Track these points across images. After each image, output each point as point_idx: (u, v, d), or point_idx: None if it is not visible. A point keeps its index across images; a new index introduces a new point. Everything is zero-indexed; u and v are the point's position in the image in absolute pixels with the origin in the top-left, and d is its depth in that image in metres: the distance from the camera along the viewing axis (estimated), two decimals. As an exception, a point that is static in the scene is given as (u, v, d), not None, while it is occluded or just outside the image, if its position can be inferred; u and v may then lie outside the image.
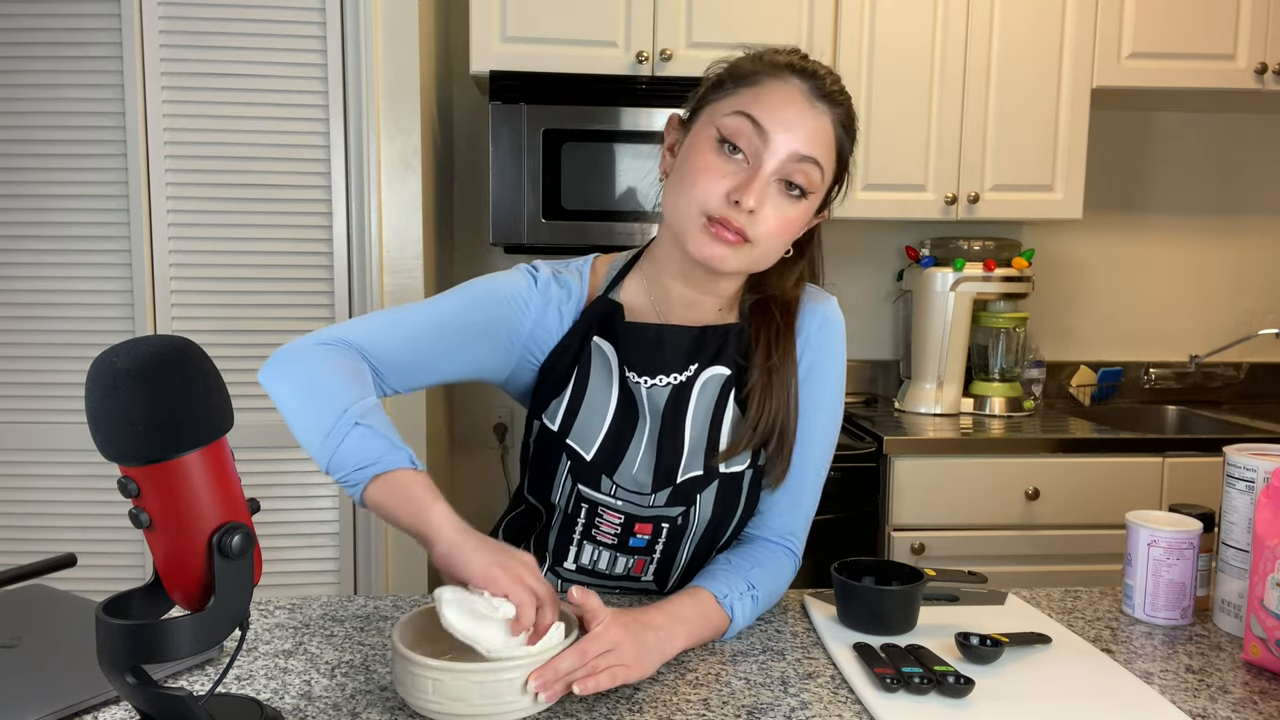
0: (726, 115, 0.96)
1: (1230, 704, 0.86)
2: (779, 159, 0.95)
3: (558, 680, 0.78)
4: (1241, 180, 2.81)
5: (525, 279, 1.07)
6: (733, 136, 0.95)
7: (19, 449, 2.10)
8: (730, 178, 0.95)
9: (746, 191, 0.94)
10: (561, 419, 1.06)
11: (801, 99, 0.96)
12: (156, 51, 2.02)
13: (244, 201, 2.08)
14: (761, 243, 0.97)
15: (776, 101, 0.96)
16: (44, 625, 0.97)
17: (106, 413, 0.63)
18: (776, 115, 0.95)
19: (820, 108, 0.97)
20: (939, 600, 1.09)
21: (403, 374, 1.02)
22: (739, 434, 1.04)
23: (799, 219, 0.99)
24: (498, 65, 2.20)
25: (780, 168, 0.95)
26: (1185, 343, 2.84)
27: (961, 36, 2.34)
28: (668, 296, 1.07)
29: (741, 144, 0.95)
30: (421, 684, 0.76)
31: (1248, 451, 1.04)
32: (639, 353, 1.05)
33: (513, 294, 1.05)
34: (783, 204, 0.97)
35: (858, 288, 2.75)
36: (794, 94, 0.96)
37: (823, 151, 0.97)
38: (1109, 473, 2.17)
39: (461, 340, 1.03)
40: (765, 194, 0.95)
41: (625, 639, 0.84)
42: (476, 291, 1.05)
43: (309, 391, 0.92)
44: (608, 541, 1.08)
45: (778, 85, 0.97)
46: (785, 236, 0.99)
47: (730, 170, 0.95)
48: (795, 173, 0.96)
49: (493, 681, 0.76)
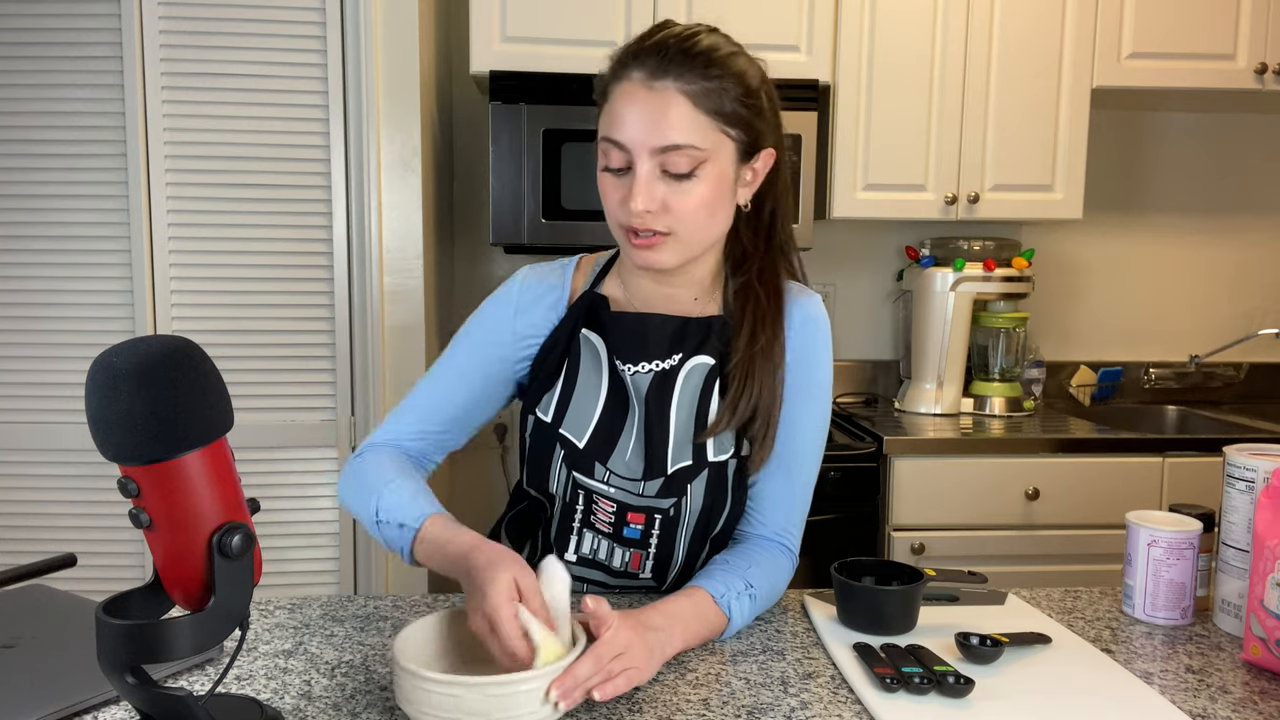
0: (600, 143, 1.01)
1: (1230, 704, 0.86)
2: (646, 160, 0.97)
3: (577, 688, 0.78)
4: (1241, 180, 2.81)
5: (499, 298, 1.13)
6: (606, 160, 1.00)
7: (19, 449, 2.10)
8: (620, 188, 1.00)
9: (630, 199, 0.98)
10: (554, 410, 1.08)
11: (640, 91, 0.97)
12: (156, 51, 2.02)
13: (244, 201, 2.08)
14: (682, 230, 1.00)
15: (620, 108, 0.97)
16: (44, 625, 0.97)
17: (106, 413, 0.63)
18: (624, 124, 0.97)
19: (661, 86, 0.96)
20: (939, 600, 1.09)
21: (443, 443, 1.14)
22: (720, 414, 1.05)
23: (708, 192, 0.99)
24: (498, 65, 2.20)
25: (654, 164, 0.97)
26: (1185, 343, 2.84)
27: (961, 36, 2.34)
28: (642, 292, 1.10)
29: (617, 163, 0.99)
30: (438, 700, 0.75)
31: (1248, 451, 1.04)
32: (625, 341, 1.07)
33: (493, 323, 1.12)
34: (679, 188, 0.98)
35: (858, 288, 2.76)
36: (633, 90, 0.97)
37: (685, 131, 0.96)
38: (1109, 473, 2.17)
39: (473, 391, 1.12)
40: (652, 191, 0.98)
41: (635, 642, 0.85)
42: (464, 339, 1.13)
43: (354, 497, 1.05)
44: (605, 531, 1.09)
45: (620, 89, 0.98)
46: (705, 212, 1.00)
47: (620, 182, 1.00)
48: (668, 163, 0.97)
49: (513, 694, 0.75)
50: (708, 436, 1.06)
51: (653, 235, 0.99)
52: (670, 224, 0.99)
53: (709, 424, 1.06)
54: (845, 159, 2.36)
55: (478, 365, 1.12)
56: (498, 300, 1.13)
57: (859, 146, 2.36)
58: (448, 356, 1.13)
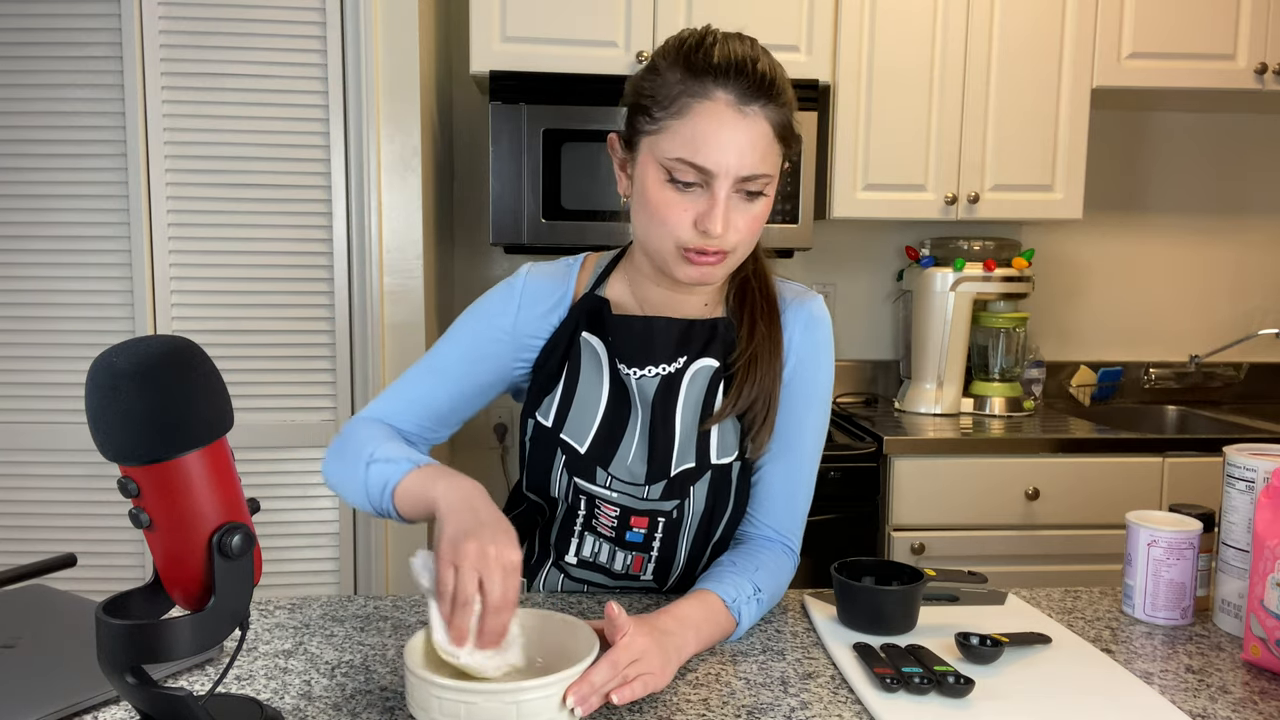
0: (666, 158, 0.96)
1: (1230, 704, 0.86)
2: (729, 183, 0.96)
3: (594, 693, 0.78)
4: (1241, 180, 2.81)
5: (502, 292, 1.10)
6: (679, 177, 0.96)
7: (19, 449, 2.10)
8: (691, 209, 0.97)
9: (711, 220, 0.95)
10: (554, 414, 1.08)
11: (731, 114, 0.94)
12: (156, 51, 2.02)
13: (244, 201, 2.08)
14: (741, 247, 1.00)
15: (708, 130, 0.94)
16: (44, 625, 0.97)
17: (106, 413, 0.63)
18: (711, 149, 0.94)
19: (752, 111, 0.95)
20: (939, 600, 1.09)
21: (434, 427, 1.10)
22: (725, 402, 1.06)
23: (766, 210, 1.00)
24: (498, 65, 2.20)
25: (733, 187, 0.96)
26: (1185, 343, 2.84)
27: (961, 36, 2.34)
28: (650, 296, 1.09)
29: (689, 179, 0.96)
30: (451, 708, 0.74)
31: (1248, 451, 1.04)
32: (628, 345, 1.07)
33: (494, 318, 1.09)
34: (748, 209, 0.98)
35: (858, 288, 2.76)
36: (722, 112, 0.94)
37: (768, 158, 0.97)
38: (1109, 473, 2.17)
39: (464, 388, 1.09)
40: (729, 214, 0.97)
41: (651, 647, 0.84)
42: (464, 329, 1.10)
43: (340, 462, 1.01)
44: (607, 534, 1.09)
45: (704, 108, 0.94)
46: (757, 231, 1.01)
47: (689, 202, 0.97)
48: (748, 185, 0.97)
49: (529, 700, 0.74)
50: (712, 424, 1.06)
51: (715, 255, 0.98)
52: (731, 242, 0.98)
53: (715, 431, 1.06)
54: (845, 159, 2.36)
55: (474, 361, 1.09)
56: (500, 295, 1.10)
57: (859, 146, 2.36)
58: (444, 347, 1.10)
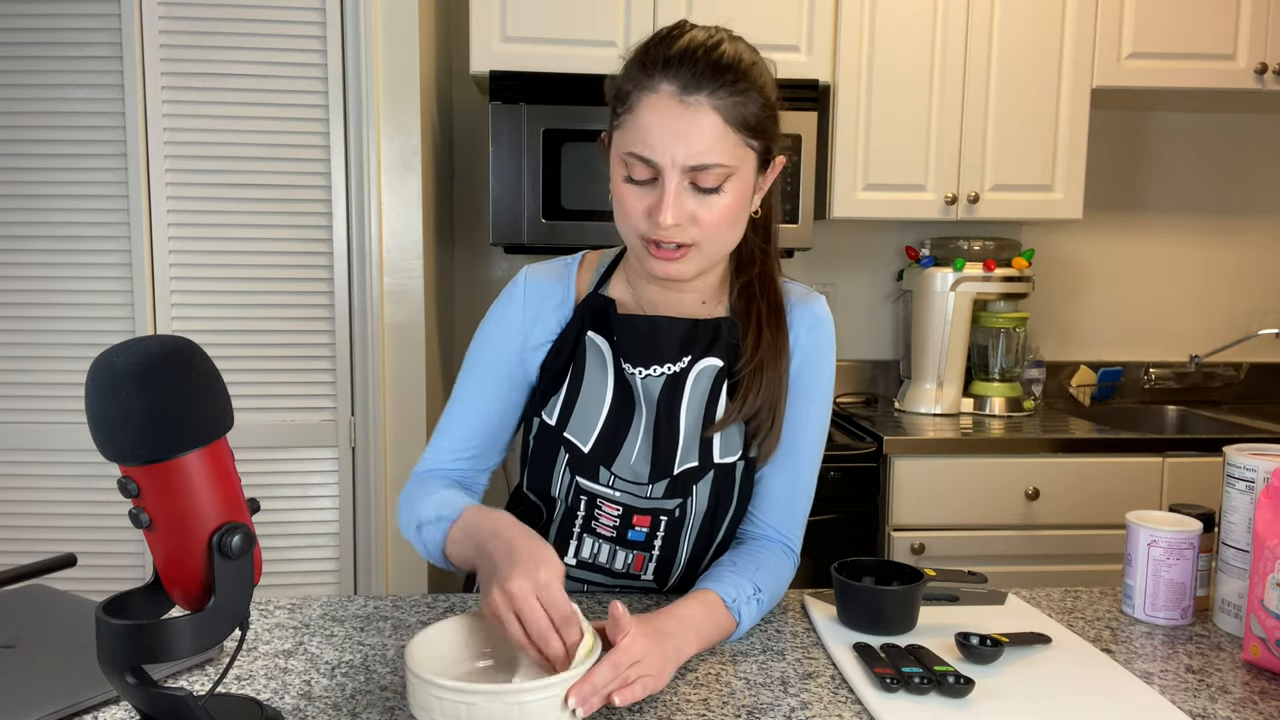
0: (621, 153, 0.98)
1: (1230, 704, 0.86)
2: (677, 174, 0.96)
3: (595, 694, 0.78)
4: (1241, 180, 2.81)
5: (507, 306, 1.12)
6: (632, 173, 0.98)
7: (19, 449, 2.10)
8: (644, 199, 0.98)
9: (660, 211, 0.96)
10: (559, 413, 1.08)
11: (673, 105, 0.94)
12: (156, 51, 2.02)
13: (244, 201, 2.08)
14: (706, 242, 0.99)
15: (651, 122, 0.95)
16: (44, 625, 0.97)
17: (106, 413, 0.63)
18: (654, 140, 0.95)
19: (695, 101, 0.94)
20: (939, 600, 1.09)
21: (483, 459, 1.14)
22: (729, 410, 1.06)
23: (733, 203, 0.99)
24: (498, 65, 2.20)
25: (682, 179, 0.96)
26: (1185, 343, 2.84)
27: (961, 36, 2.34)
28: (649, 295, 1.10)
29: (641, 176, 0.97)
30: (453, 709, 0.74)
31: (1248, 451, 1.04)
32: (633, 344, 1.07)
33: (505, 328, 1.11)
34: (706, 202, 0.98)
35: (858, 288, 2.75)
36: (664, 104, 0.95)
37: (718, 148, 0.95)
38: (1109, 473, 2.17)
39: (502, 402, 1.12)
40: (681, 204, 0.97)
41: (652, 649, 0.84)
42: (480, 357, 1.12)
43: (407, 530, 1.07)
44: (607, 534, 1.09)
45: (649, 101, 0.95)
46: (728, 224, 1.00)
47: (643, 193, 0.98)
48: (698, 179, 0.96)
49: (532, 701, 0.74)
50: (716, 430, 1.06)
51: (676, 248, 0.99)
52: (695, 236, 0.98)
53: (717, 421, 1.06)
54: (845, 159, 2.36)
55: (502, 375, 1.11)
56: (505, 304, 1.12)
57: (859, 146, 2.36)
58: (469, 371, 1.12)
